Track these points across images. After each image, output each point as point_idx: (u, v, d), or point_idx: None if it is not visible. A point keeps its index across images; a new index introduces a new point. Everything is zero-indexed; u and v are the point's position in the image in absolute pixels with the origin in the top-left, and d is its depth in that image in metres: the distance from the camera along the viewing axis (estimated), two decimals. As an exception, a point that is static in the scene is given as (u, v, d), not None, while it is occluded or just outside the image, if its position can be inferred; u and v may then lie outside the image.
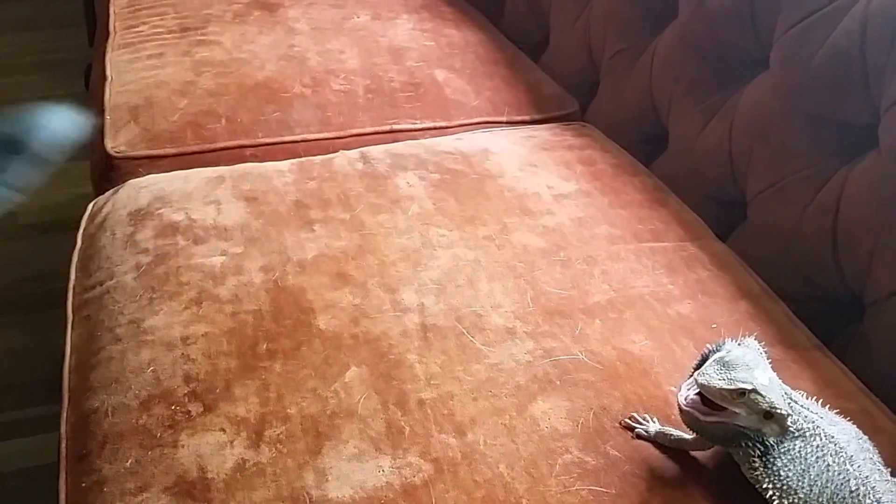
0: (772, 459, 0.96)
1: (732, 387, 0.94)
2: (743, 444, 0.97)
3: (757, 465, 0.96)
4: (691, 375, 1.00)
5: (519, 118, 1.80)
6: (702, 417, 0.97)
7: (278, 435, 1.09)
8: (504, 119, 1.80)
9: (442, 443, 1.08)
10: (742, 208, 1.45)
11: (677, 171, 1.58)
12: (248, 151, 1.68)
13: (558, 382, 1.15)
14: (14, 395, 2.00)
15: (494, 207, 1.48)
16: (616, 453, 1.06)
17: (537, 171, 1.57)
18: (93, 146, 1.72)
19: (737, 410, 0.95)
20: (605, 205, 1.48)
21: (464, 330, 1.23)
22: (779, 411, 0.94)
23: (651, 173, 1.60)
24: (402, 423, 1.10)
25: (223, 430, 1.09)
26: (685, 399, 0.99)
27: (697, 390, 0.97)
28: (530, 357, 1.19)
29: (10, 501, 1.78)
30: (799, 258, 1.38)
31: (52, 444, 1.76)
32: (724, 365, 0.95)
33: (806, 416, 0.97)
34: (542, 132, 1.72)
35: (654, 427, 1.08)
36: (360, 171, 1.57)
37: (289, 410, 1.12)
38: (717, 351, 0.99)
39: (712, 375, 0.95)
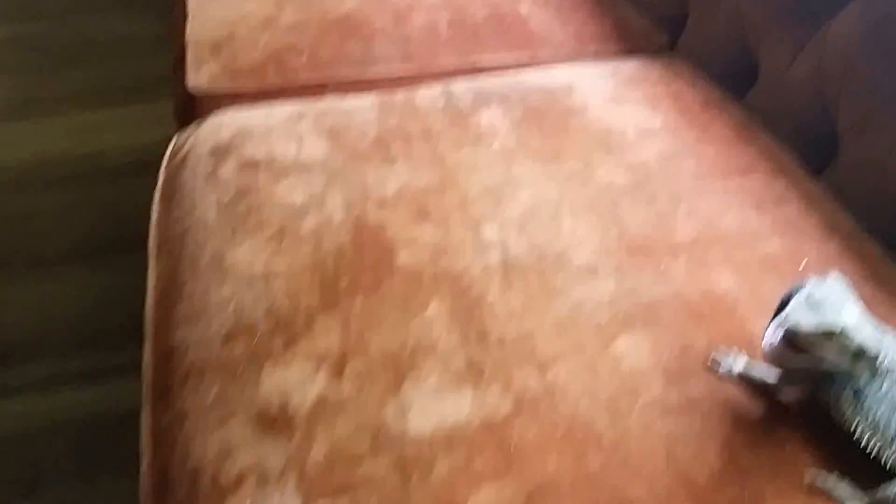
0: (862, 400, 0.93)
1: (820, 329, 0.91)
2: (831, 385, 0.95)
3: (846, 406, 0.94)
4: (776, 316, 0.97)
5: (605, 52, 1.76)
6: (789, 360, 0.95)
7: (359, 369, 1.09)
8: (590, 53, 1.76)
9: (523, 379, 1.07)
10: (834, 143, 1.40)
11: (767, 106, 1.53)
12: (329, 87, 1.66)
13: (641, 320, 1.13)
14: (104, 339, 2.00)
15: (578, 143, 1.45)
16: (699, 392, 1.04)
17: (623, 106, 1.54)
18: (174, 83, 1.74)
19: (825, 352, 0.92)
20: (692, 140, 1.44)
21: (546, 267, 1.22)
22: (869, 351, 0.92)
23: (740, 107, 1.55)
24: (483, 360, 1.10)
25: (305, 364, 1.10)
26: (771, 341, 0.96)
27: (784, 332, 0.94)
28: (613, 295, 1.17)
29: (101, 446, 1.79)
30: (893, 195, 1.34)
31: (136, 388, 1.81)
32: (812, 305, 0.92)
33: None
34: (629, 66, 1.68)
35: (738, 366, 1.05)
36: (441, 107, 1.55)
37: (370, 345, 1.12)
38: (802, 289, 0.96)
39: (799, 317, 0.92)
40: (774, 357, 0.97)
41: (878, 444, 0.93)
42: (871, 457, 0.94)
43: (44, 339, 1.97)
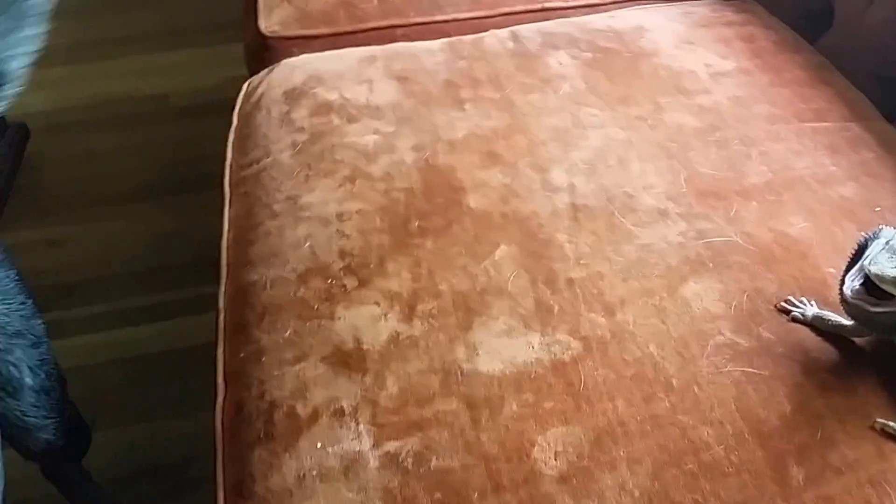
0: None
1: None
2: None
3: None
4: (851, 264, 0.96)
5: (674, -6, 1.73)
6: (869, 307, 0.93)
7: (430, 310, 1.10)
8: (659, -5, 1.73)
9: (591, 321, 1.08)
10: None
11: (842, 49, 1.50)
12: (398, 31, 1.66)
13: (711, 264, 1.13)
14: (166, 277, 2.02)
15: (648, 86, 1.44)
16: (770, 336, 1.04)
17: (694, 48, 1.52)
18: (246, 27, 1.74)
19: None
20: (765, 83, 1.42)
21: (614, 210, 1.22)
22: None
23: (815, 50, 1.53)
24: (552, 302, 1.10)
25: (377, 303, 1.11)
26: (850, 289, 0.94)
27: (863, 279, 0.92)
28: (682, 238, 1.16)
29: (162, 380, 1.81)
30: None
31: (202, 325, 1.78)
32: (893, 251, 0.91)
33: None
34: (700, 8, 1.65)
35: (811, 311, 1.04)
36: (510, 51, 1.55)
37: (440, 286, 1.13)
38: (880, 235, 0.94)
39: (883, 264, 0.90)
40: (853, 303, 0.94)
41: None
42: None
43: (105, 278, 2.00)
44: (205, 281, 1.71)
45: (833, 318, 1.02)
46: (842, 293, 0.95)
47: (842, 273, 0.97)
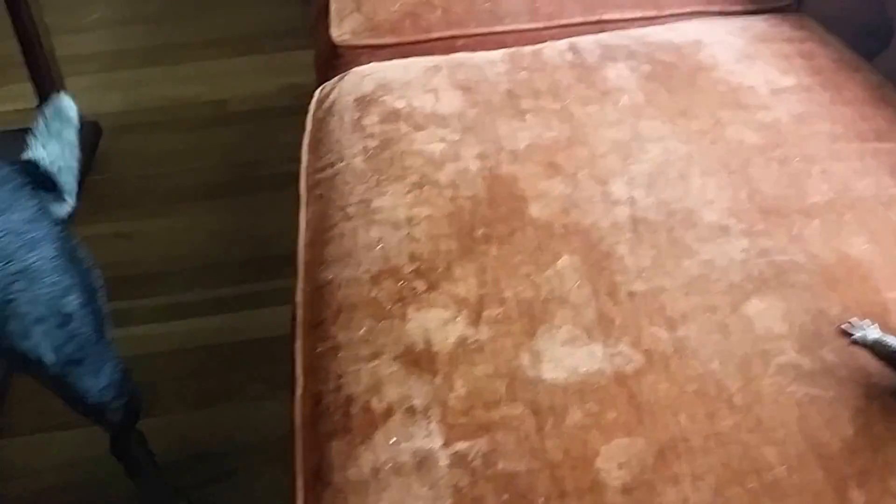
0: None
1: None
2: None
3: None
4: None
5: (732, 8, 1.73)
6: None
7: (496, 315, 1.12)
8: (717, 9, 1.73)
9: (653, 335, 1.09)
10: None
11: (904, 70, 1.50)
12: (460, 42, 1.69)
13: (774, 282, 1.13)
14: (225, 273, 2.10)
15: (708, 100, 1.44)
16: (833, 358, 1.04)
17: (753, 63, 1.52)
18: (316, 35, 1.78)
19: None
20: (826, 101, 1.43)
21: (675, 224, 1.22)
22: None
23: (874, 69, 1.52)
24: (614, 313, 1.11)
25: (446, 307, 1.14)
26: None
27: None
28: (744, 255, 1.17)
29: (219, 371, 1.88)
30: None
31: (257, 320, 1.90)
32: None
33: None
34: (758, 23, 1.65)
35: (873, 334, 1.05)
36: (569, 62, 1.56)
37: (505, 293, 1.15)
38: None
39: None
40: None
41: None
42: None
43: (169, 272, 2.08)
44: (262, 278, 1.80)
45: (894, 345, 1.03)
46: None
47: None
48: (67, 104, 1.38)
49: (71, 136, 1.37)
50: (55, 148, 1.34)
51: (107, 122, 2.50)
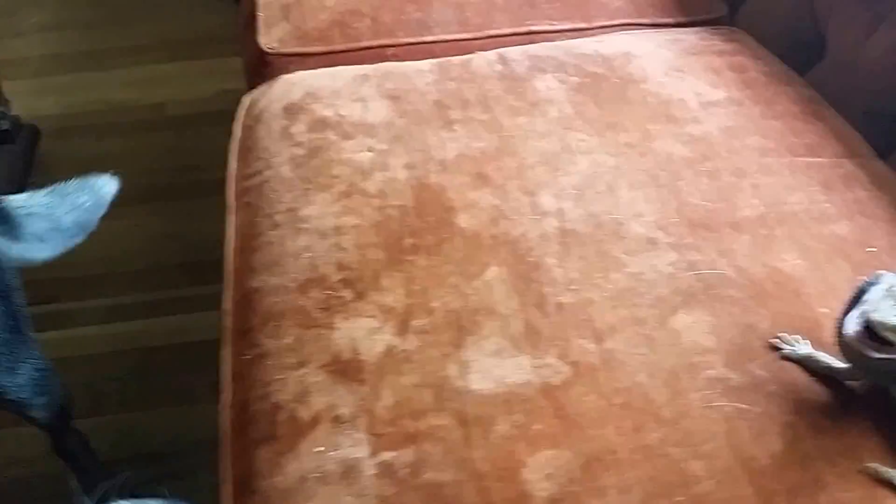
0: None
1: None
2: None
3: None
4: (851, 307, 0.95)
5: (663, 20, 1.73)
6: (870, 353, 0.91)
7: (423, 326, 1.11)
8: (647, 21, 1.73)
9: (580, 347, 1.07)
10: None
11: (835, 83, 1.49)
12: (389, 51, 1.67)
13: (702, 296, 1.12)
14: (158, 277, 2.11)
15: (637, 113, 1.44)
16: (762, 373, 1.03)
17: (683, 76, 1.52)
18: (244, 43, 1.77)
19: None
20: (757, 115, 1.42)
21: (603, 237, 1.21)
22: None
23: (805, 83, 1.52)
24: (541, 325, 1.10)
25: (373, 316, 1.13)
26: (850, 331, 0.92)
27: (864, 325, 0.91)
28: (673, 269, 1.16)
29: (159, 373, 1.88)
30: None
31: (194, 323, 1.90)
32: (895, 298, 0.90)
33: None
34: (689, 36, 1.65)
35: (803, 350, 1.04)
36: (498, 73, 1.55)
37: (433, 303, 1.14)
38: (882, 280, 0.93)
39: (886, 311, 0.89)
40: (849, 347, 0.94)
41: None
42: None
43: (106, 275, 2.09)
44: (198, 282, 1.82)
45: (825, 360, 1.02)
46: (841, 336, 0.94)
47: (839, 315, 0.96)
48: (106, 186, 1.41)
49: (84, 202, 1.38)
50: (47, 199, 1.35)
51: (45, 125, 2.49)
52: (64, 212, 1.33)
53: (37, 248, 1.31)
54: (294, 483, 0.99)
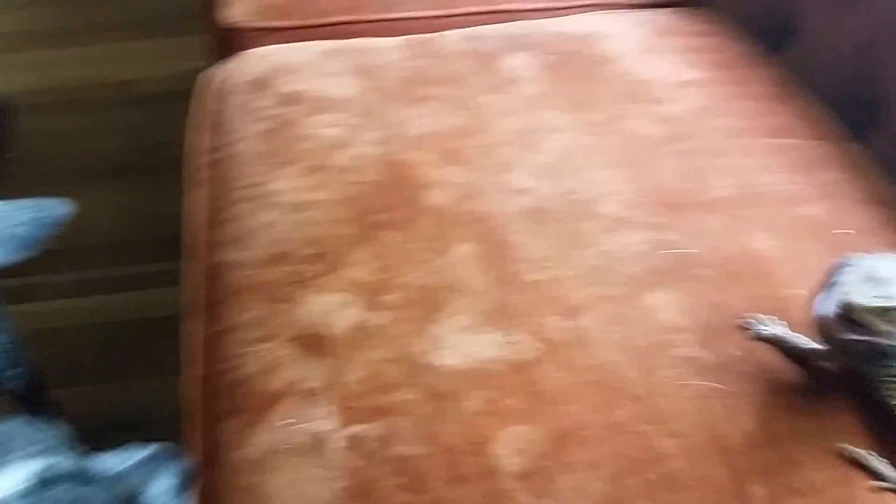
0: None
1: (885, 304, 0.88)
2: (882, 364, 0.92)
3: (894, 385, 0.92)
4: (824, 289, 0.94)
5: (637, 1, 1.71)
6: (843, 335, 0.91)
7: (394, 301, 1.10)
8: (622, 1, 1.70)
9: (552, 324, 1.07)
10: (876, 110, 1.37)
11: (806, 65, 1.48)
12: (357, 27, 1.65)
13: (675, 275, 1.12)
14: (128, 252, 2.12)
15: (609, 93, 1.43)
16: (735, 352, 1.03)
17: (657, 56, 1.51)
18: (207, 18, 1.74)
19: (884, 329, 0.89)
20: (730, 95, 1.41)
21: (576, 215, 1.21)
22: None
23: (778, 64, 1.51)
24: (513, 301, 1.09)
25: (342, 291, 1.12)
26: (823, 312, 0.92)
27: (839, 304, 0.90)
28: (645, 247, 1.15)
29: (129, 346, 1.90)
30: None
31: (164, 297, 1.82)
32: (871, 280, 0.90)
33: None
34: (663, 16, 1.64)
35: (775, 330, 1.03)
36: (468, 51, 1.54)
37: (403, 279, 1.13)
38: (855, 262, 0.93)
39: (859, 292, 0.89)
40: (824, 328, 0.93)
41: None
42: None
43: (77, 248, 2.06)
44: (167, 257, 1.83)
45: (797, 341, 1.01)
46: (816, 317, 0.94)
47: (813, 296, 0.95)
48: (60, 207, 1.39)
49: (39, 218, 1.37)
50: (1, 206, 1.34)
51: (17, 101, 2.50)
52: (18, 222, 1.33)
53: None
54: (262, 454, 0.98)
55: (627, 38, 1.56)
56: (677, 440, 0.95)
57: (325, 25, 1.65)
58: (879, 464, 0.92)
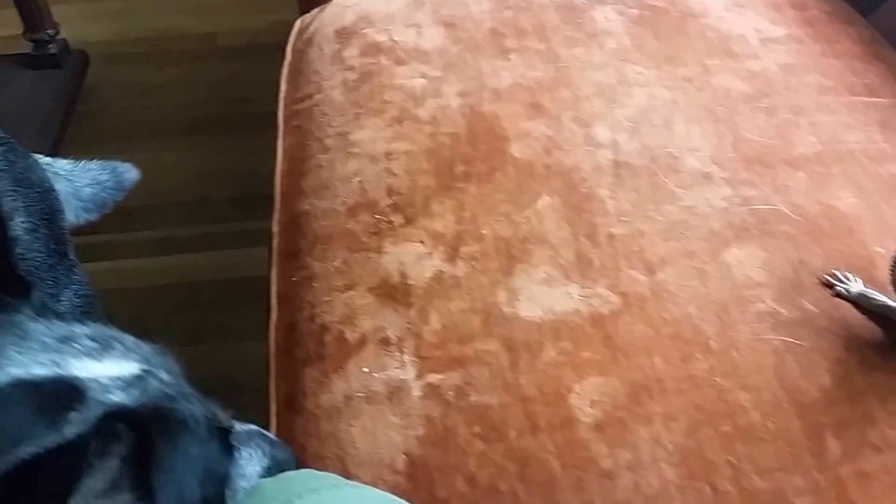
0: None
1: None
2: None
3: None
4: None
5: (725, -42, 1.70)
6: None
7: (473, 252, 1.11)
8: (709, -43, 1.70)
9: (631, 278, 1.07)
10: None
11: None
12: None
13: (755, 231, 1.12)
14: (212, 210, 2.07)
15: (695, 47, 1.42)
16: (813, 308, 1.03)
17: (744, 12, 1.49)
18: None
19: None
20: (817, 53, 1.40)
21: (657, 170, 1.21)
22: None
23: (868, 24, 1.50)
24: (592, 255, 1.10)
25: (422, 241, 1.13)
26: None
27: None
28: (726, 203, 1.15)
29: (206, 307, 1.87)
30: None
31: (243, 258, 1.87)
32: None
33: None
34: (751, -27, 1.62)
35: (856, 287, 1.03)
36: (556, 3, 1.53)
37: (483, 231, 1.13)
38: None
39: None
40: None
41: None
42: None
43: (154, 207, 2.04)
44: (248, 217, 1.76)
45: (878, 298, 1.01)
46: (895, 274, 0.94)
47: (893, 254, 0.95)
48: (128, 172, 1.39)
49: (104, 181, 1.35)
50: (70, 166, 1.33)
51: (93, 51, 2.45)
52: (84, 183, 1.32)
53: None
54: (340, 402, 1.00)
55: (715, -8, 1.54)
56: (753, 394, 0.96)
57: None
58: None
